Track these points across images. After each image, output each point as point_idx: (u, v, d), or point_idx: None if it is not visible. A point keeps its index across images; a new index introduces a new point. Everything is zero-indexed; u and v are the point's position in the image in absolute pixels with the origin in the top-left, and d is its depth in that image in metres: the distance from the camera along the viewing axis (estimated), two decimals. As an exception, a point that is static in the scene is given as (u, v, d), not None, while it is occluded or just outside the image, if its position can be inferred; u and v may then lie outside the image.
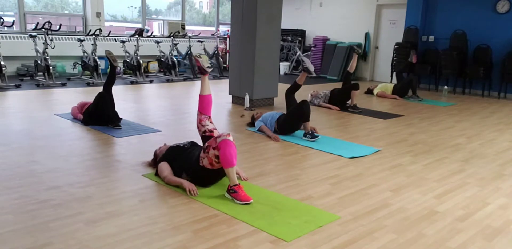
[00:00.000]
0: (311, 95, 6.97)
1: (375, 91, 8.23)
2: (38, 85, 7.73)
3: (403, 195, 3.19)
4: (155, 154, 3.57)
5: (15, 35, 8.81)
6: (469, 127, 5.70)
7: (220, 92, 7.88)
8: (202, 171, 3.07)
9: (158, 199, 2.92)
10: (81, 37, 8.71)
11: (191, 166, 3.13)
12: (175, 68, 9.58)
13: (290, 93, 5.07)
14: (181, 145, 3.44)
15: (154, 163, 3.53)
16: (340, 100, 6.64)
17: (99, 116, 4.90)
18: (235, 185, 2.93)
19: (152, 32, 10.17)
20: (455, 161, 4.13)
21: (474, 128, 5.68)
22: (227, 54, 11.19)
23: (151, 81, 9.01)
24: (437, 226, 2.67)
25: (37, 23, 8.09)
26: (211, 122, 3.35)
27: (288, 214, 2.75)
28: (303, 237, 2.46)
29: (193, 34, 11.06)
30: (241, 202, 2.87)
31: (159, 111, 5.97)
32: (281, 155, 4.11)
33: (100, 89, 5.11)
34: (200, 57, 3.40)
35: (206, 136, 3.26)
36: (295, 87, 5.05)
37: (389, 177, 3.58)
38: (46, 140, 4.29)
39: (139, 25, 11.08)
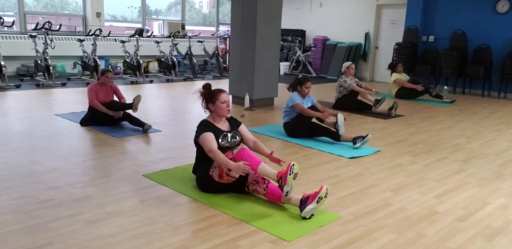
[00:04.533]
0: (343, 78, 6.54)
1: (393, 78, 7.83)
2: (38, 85, 7.73)
3: (403, 195, 3.19)
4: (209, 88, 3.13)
5: (15, 35, 8.81)
6: (469, 127, 5.70)
7: (220, 92, 7.87)
8: (209, 180, 2.96)
9: (158, 199, 2.92)
10: (81, 37, 8.71)
11: (203, 169, 3.01)
12: (175, 68, 9.58)
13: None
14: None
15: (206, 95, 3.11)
16: (351, 104, 6.50)
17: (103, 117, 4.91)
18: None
19: (152, 32, 10.17)
20: (455, 161, 4.13)
21: (474, 128, 5.68)
22: (227, 54, 11.19)
23: (151, 81, 9.01)
24: (437, 226, 2.67)
25: (37, 23, 8.10)
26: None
27: (288, 214, 2.76)
28: (303, 237, 2.46)
29: (193, 34, 11.06)
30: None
31: (159, 111, 5.96)
32: (281, 155, 4.11)
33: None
34: (291, 173, 2.65)
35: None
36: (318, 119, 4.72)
37: (389, 177, 3.58)
38: (46, 140, 4.28)
39: (139, 25, 11.07)
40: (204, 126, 3.06)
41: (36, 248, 2.23)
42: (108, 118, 4.89)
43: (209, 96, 3.08)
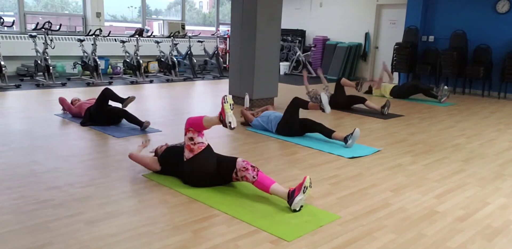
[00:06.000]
0: (309, 95, 6.96)
1: (376, 94, 8.21)
2: (38, 85, 7.73)
3: (403, 195, 3.19)
4: (156, 152, 3.57)
5: (15, 35, 8.81)
6: (469, 127, 5.70)
7: (220, 92, 7.89)
8: (188, 164, 3.06)
9: (158, 199, 2.92)
10: (81, 37, 8.71)
11: (182, 166, 3.15)
12: (175, 68, 9.58)
13: (296, 108, 4.76)
14: (179, 144, 3.45)
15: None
16: (343, 101, 6.59)
17: (99, 113, 4.90)
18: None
19: (152, 32, 10.17)
20: (455, 161, 4.13)
21: (474, 128, 5.68)
22: (227, 54, 11.19)
23: (151, 81, 9.01)
24: (437, 226, 2.67)
25: (37, 23, 8.09)
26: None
27: (288, 214, 2.76)
28: (303, 237, 2.46)
29: (193, 34, 11.06)
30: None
31: (159, 111, 5.97)
32: (281, 155, 4.11)
33: (100, 89, 5.11)
34: (226, 102, 2.93)
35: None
36: (302, 107, 4.72)
37: (389, 177, 3.58)
38: (46, 140, 4.29)
39: (139, 25, 11.08)
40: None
41: (36, 248, 2.23)
42: (108, 118, 4.90)
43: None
